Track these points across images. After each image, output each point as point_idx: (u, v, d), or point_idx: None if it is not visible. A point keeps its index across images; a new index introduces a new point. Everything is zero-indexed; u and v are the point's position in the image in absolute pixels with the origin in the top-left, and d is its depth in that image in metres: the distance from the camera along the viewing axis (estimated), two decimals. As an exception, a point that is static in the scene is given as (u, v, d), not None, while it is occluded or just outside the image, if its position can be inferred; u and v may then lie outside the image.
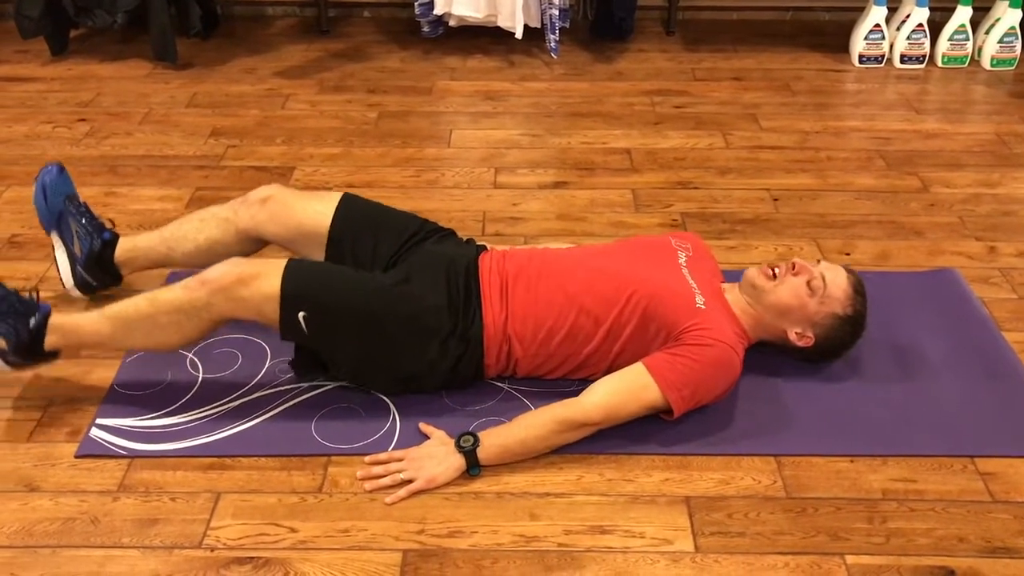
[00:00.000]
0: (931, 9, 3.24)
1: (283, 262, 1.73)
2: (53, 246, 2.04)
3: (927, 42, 3.28)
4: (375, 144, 2.80)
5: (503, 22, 3.24)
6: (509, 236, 2.35)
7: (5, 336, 1.74)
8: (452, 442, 1.67)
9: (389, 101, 3.06)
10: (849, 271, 1.84)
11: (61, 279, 2.04)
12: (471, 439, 1.65)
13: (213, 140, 2.79)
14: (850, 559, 1.52)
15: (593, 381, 1.74)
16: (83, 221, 2.01)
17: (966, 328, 2.03)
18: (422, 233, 1.94)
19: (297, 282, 1.70)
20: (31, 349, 1.76)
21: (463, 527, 1.57)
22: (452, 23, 3.34)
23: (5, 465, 1.68)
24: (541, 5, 3.23)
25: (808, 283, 1.79)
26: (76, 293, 2.05)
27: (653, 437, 1.72)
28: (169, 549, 1.53)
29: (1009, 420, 1.79)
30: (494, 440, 1.66)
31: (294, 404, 1.81)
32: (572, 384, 1.81)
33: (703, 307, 1.74)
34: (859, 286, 1.83)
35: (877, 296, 2.10)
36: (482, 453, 1.65)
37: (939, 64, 3.33)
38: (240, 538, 1.55)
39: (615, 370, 1.74)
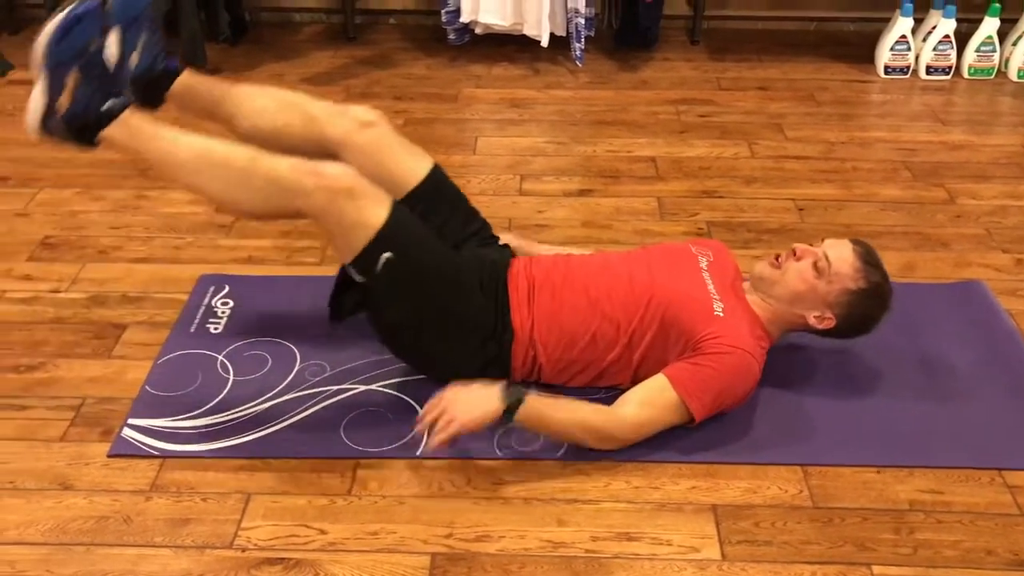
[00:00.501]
0: (958, 20, 3.24)
1: (389, 198, 1.70)
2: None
3: (953, 53, 3.28)
4: (401, 150, 2.82)
5: (529, 30, 3.26)
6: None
7: (77, 99, 1.65)
8: (497, 389, 1.65)
9: (415, 108, 3.08)
10: (856, 243, 1.81)
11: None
12: (518, 398, 1.63)
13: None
14: (877, 569, 1.52)
15: (616, 391, 1.76)
16: (155, 38, 1.81)
17: (993, 340, 2.03)
18: (480, 233, 1.96)
19: (400, 225, 1.68)
20: (86, 127, 1.67)
21: (491, 531, 1.58)
22: (478, 31, 3.36)
23: (39, 464, 1.71)
24: (567, 14, 3.25)
25: (814, 265, 1.77)
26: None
27: (680, 445, 1.72)
28: (201, 549, 1.55)
29: (1037, 433, 1.79)
30: (536, 409, 1.64)
31: (323, 407, 1.82)
32: (598, 392, 1.81)
33: (721, 314, 1.74)
34: (868, 256, 1.79)
35: (903, 307, 2.10)
36: (521, 413, 1.63)
37: (965, 75, 3.32)
38: (271, 539, 1.56)
39: (639, 379, 1.75)
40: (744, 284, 1.89)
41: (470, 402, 1.63)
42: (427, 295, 1.73)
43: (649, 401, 1.69)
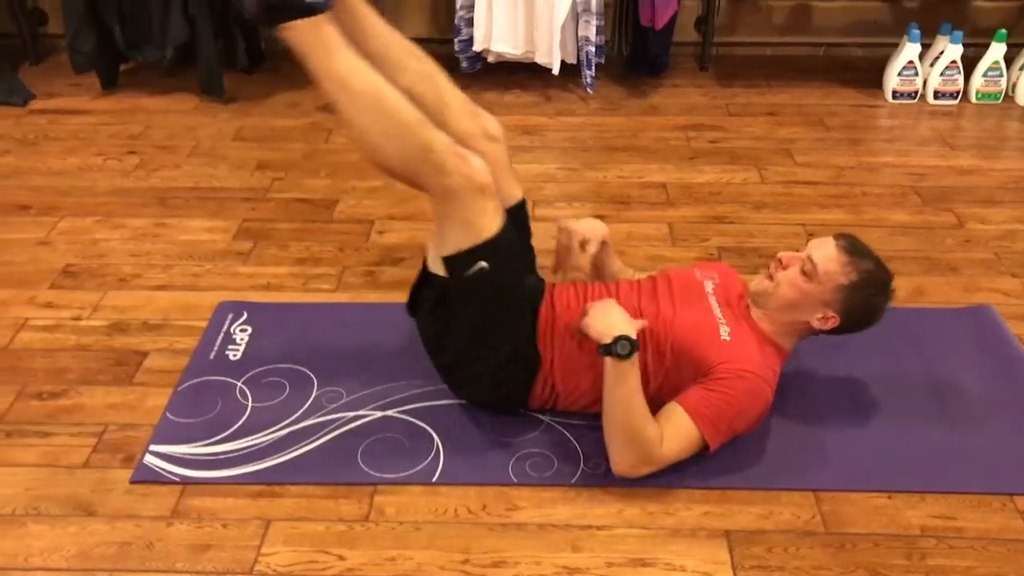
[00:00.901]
0: (965, 46, 3.27)
1: (504, 211, 1.74)
2: None
3: (961, 78, 3.31)
4: (415, 177, 2.86)
5: (540, 58, 3.30)
6: (547, 268, 2.38)
7: None
8: (628, 325, 1.69)
9: (429, 135, 3.12)
10: (839, 237, 1.81)
11: None
12: (631, 350, 1.66)
13: (259, 173, 2.87)
14: (889, 595, 1.54)
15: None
16: None
17: (1003, 365, 2.05)
18: (532, 263, 2.02)
19: (505, 241, 1.73)
20: (281, 7, 1.63)
21: (507, 557, 1.61)
22: (490, 59, 3.41)
23: (63, 490, 1.74)
24: (578, 42, 3.29)
25: (801, 270, 1.78)
26: None
27: (693, 470, 1.74)
28: (221, 575, 1.57)
29: (1048, 458, 1.81)
30: (630, 372, 1.67)
31: (340, 433, 1.85)
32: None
33: (728, 339, 1.76)
34: (853, 248, 1.79)
35: (913, 332, 2.14)
36: (618, 363, 1.66)
37: (973, 100, 3.35)
38: (290, 564, 1.59)
39: (655, 408, 1.76)
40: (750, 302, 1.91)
41: (607, 316, 1.71)
42: (499, 312, 1.78)
43: (671, 435, 1.70)
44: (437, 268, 1.77)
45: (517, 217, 1.93)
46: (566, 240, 2.05)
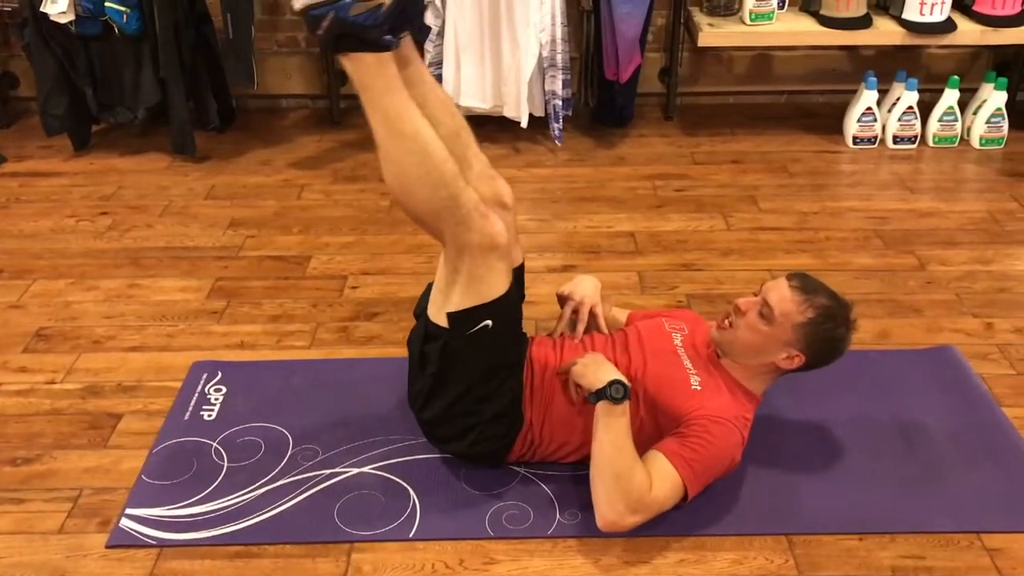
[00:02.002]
0: (920, 91, 3.37)
1: (511, 274, 1.78)
2: None
3: (918, 123, 3.40)
4: (388, 231, 2.90)
5: (509, 112, 3.36)
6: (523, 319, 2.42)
7: (368, 12, 1.62)
8: (616, 373, 1.74)
9: (400, 189, 3.16)
10: (791, 276, 1.83)
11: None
12: (624, 395, 1.71)
13: (232, 231, 2.89)
14: (863, 637, 1.56)
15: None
16: None
17: (966, 404, 2.09)
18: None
19: (510, 302, 1.78)
20: (349, 37, 1.64)
21: (485, 611, 1.61)
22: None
23: (37, 557, 1.73)
24: (545, 96, 3.36)
25: (759, 314, 1.80)
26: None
27: (668, 518, 1.75)
28: (199, 638, 1.57)
29: (1013, 496, 1.84)
30: (619, 419, 1.71)
31: (317, 491, 1.86)
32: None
33: (699, 388, 1.80)
34: (806, 285, 1.80)
35: (879, 375, 2.18)
36: (610, 408, 1.71)
37: (930, 144, 3.44)
38: (268, 626, 1.59)
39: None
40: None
41: (598, 365, 1.77)
42: (492, 371, 1.80)
43: (656, 480, 1.70)
44: (439, 319, 1.78)
45: (516, 285, 1.94)
46: (569, 310, 2.05)
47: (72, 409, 2.11)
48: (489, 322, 1.74)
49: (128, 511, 1.81)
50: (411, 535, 1.76)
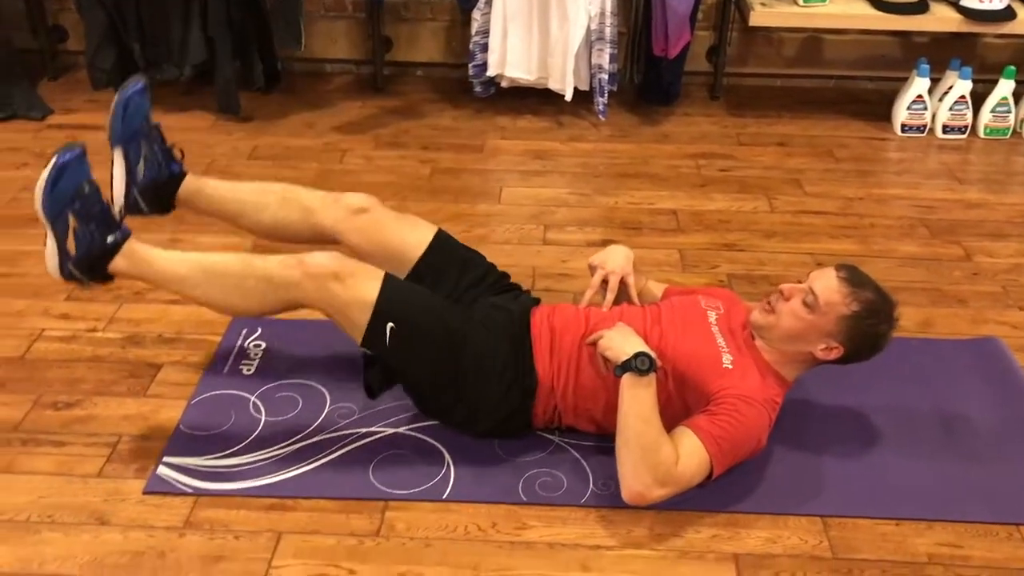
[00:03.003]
0: (973, 81, 3.30)
1: (380, 272, 1.79)
2: (112, 161, 1.98)
3: (969, 113, 3.34)
4: (428, 199, 2.89)
5: (553, 84, 3.34)
6: (559, 292, 2.42)
7: (79, 241, 1.78)
8: (638, 347, 1.72)
9: (442, 158, 3.16)
10: (839, 268, 1.82)
11: (111, 197, 1.97)
12: (649, 367, 1.70)
13: (274, 191, 2.89)
14: (896, 621, 1.55)
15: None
16: (155, 147, 1.99)
17: (1009, 396, 2.07)
18: (497, 285, 2.02)
19: (394, 295, 1.77)
20: (95, 264, 1.81)
21: (516, 575, 1.62)
22: (504, 84, 3.45)
23: (77, 499, 1.75)
24: (591, 69, 3.33)
25: (804, 302, 1.79)
26: (119, 212, 1.98)
27: (701, 494, 1.75)
28: (233, 586, 1.59)
29: (1054, 489, 1.82)
30: (645, 389, 1.70)
31: (352, 449, 1.87)
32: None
33: (730, 366, 1.78)
34: (854, 278, 1.79)
35: (921, 363, 2.16)
36: (636, 379, 1.69)
37: (981, 135, 3.38)
38: (301, 578, 1.60)
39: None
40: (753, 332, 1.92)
41: (624, 337, 1.75)
42: (438, 355, 1.80)
43: (683, 455, 1.69)
44: (368, 352, 1.84)
45: (434, 255, 1.97)
46: (599, 279, 2.03)
47: (113, 357, 2.13)
48: (391, 324, 1.75)
49: (166, 459, 1.83)
50: (445, 496, 1.77)
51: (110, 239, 1.80)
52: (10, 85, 3.34)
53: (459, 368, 1.81)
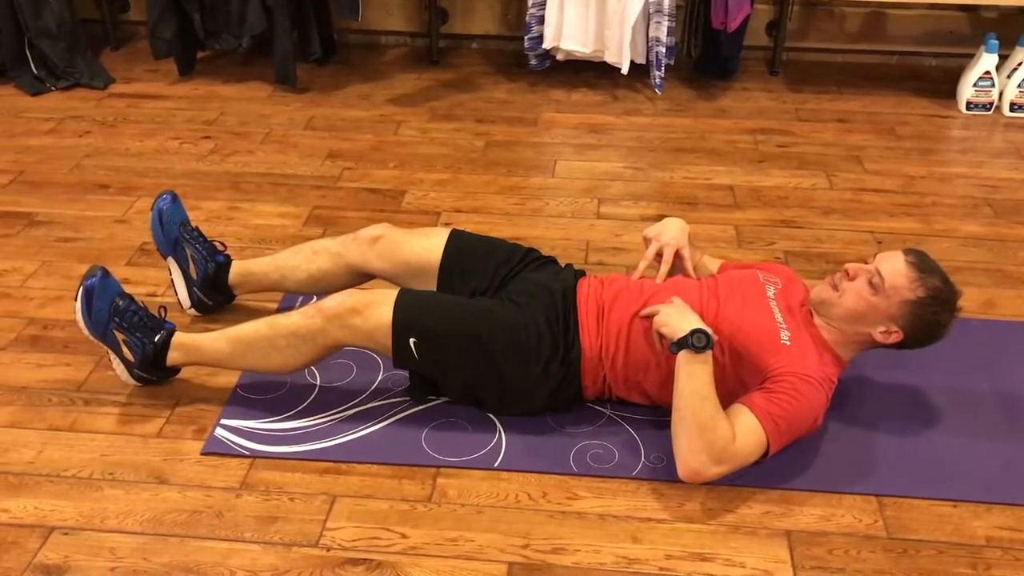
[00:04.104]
0: (1044, 58, 3.21)
1: (395, 292, 1.84)
2: (170, 270, 2.16)
3: (1039, 91, 3.25)
4: (482, 172, 2.89)
5: (610, 57, 3.31)
6: (612, 266, 2.41)
7: (132, 349, 1.89)
8: (695, 323, 1.70)
9: (496, 131, 3.16)
10: (908, 252, 1.79)
11: (179, 301, 2.16)
12: (706, 344, 1.68)
13: (330, 162, 2.92)
14: (952, 603, 1.53)
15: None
16: (197, 246, 2.13)
17: (1075, 380, 2.02)
18: (525, 261, 2.02)
19: (406, 311, 1.80)
20: (155, 364, 1.91)
21: (567, 544, 1.62)
22: (559, 57, 3.43)
23: (137, 457, 1.80)
24: (648, 42, 3.30)
25: (868, 282, 1.76)
26: (193, 312, 2.18)
27: (754, 471, 1.73)
28: (288, 546, 1.61)
29: (1120, 475, 1.77)
30: (701, 365, 1.68)
31: (405, 416, 1.89)
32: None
33: (788, 343, 1.76)
34: (922, 264, 1.76)
35: (983, 344, 2.11)
36: (691, 356, 1.68)
37: (1050, 113, 3.29)
38: (354, 540, 1.62)
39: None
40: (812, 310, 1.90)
41: (680, 313, 1.73)
42: (465, 351, 1.81)
43: (741, 433, 1.67)
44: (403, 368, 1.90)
45: (453, 256, 1.99)
46: (653, 251, 2.01)
47: (172, 321, 2.16)
48: (412, 339, 1.79)
49: (223, 421, 1.87)
50: (496, 465, 1.77)
51: (158, 338, 1.89)
52: (73, 54, 3.41)
53: (491, 355, 1.81)
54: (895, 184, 2.84)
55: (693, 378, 1.68)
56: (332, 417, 1.88)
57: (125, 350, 1.89)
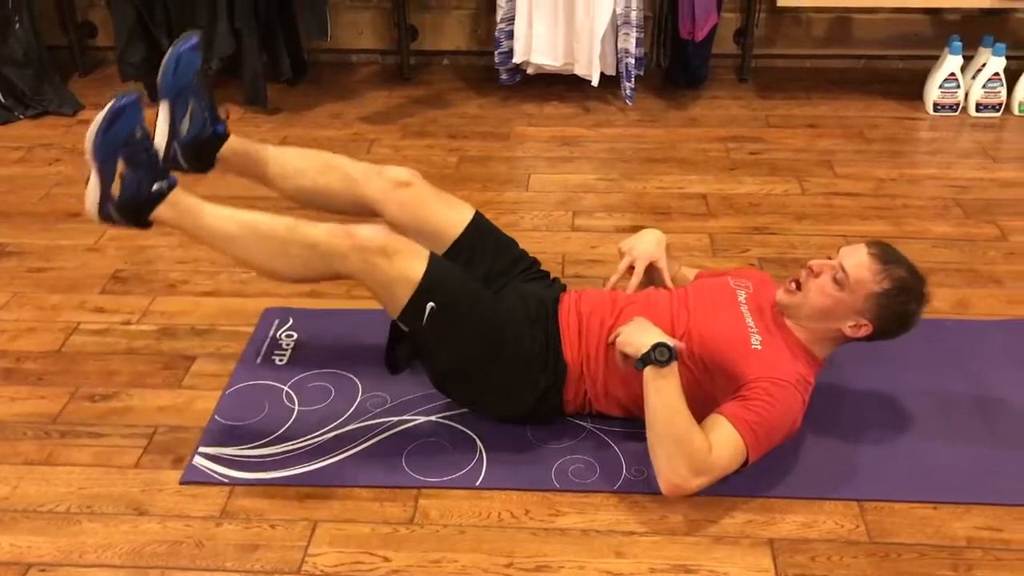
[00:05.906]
0: (1007, 58, 3.25)
1: (425, 251, 1.78)
2: (158, 112, 1.94)
3: (1003, 91, 3.29)
4: (456, 188, 2.86)
5: (580, 70, 3.32)
6: (588, 278, 2.41)
7: (126, 185, 1.78)
8: (661, 336, 1.71)
9: (469, 146, 3.16)
10: (871, 244, 1.79)
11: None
12: (669, 358, 1.67)
13: (302, 182, 2.91)
14: (935, 605, 1.53)
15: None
16: (202, 105, 1.96)
17: (1049, 378, 2.04)
18: (529, 271, 2.02)
19: (439, 275, 1.76)
20: (137, 210, 1.79)
21: (550, 562, 1.62)
22: (530, 71, 3.44)
23: (115, 489, 1.78)
24: (617, 54, 3.32)
25: (833, 278, 1.76)
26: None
27: (735, 479, 1.73)
28: (270, 574, 1.60)
29: (1095, 471, 1.79)
30: (669, 380, 1.68)
31: (385, 437, 1.88)
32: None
33: (759, 347, 1.76)
34: (885, 255, 1.77)
35: (957, 344, 2.13)
36: (657, 370, 1.67)
37: (1015, 112, 3.32)
38: (337, 565, 1.61)
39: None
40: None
41: (642, 330, 1.73)
42: (473, 339, 1.80)
43: (718, 443, 1.67)
44: (402, 327, 1.82)
45: (471, 236, 1.96)
46: (625, 265, 2.03)
47: (147, 350, 2.16)
48: (432, 304, 1.74)
49: (201, 449, 1.85)
50: (478, 483, 1.77)
51: (156, 187, 1.78)
52: (41, 81, 3.38)
53: (494, 353, 1.80)
54: (866, 187, 2.86)
55: (662, 392, 1.68)
56: (311, 441, 1.87)
57: (117, 182, 1.77)
